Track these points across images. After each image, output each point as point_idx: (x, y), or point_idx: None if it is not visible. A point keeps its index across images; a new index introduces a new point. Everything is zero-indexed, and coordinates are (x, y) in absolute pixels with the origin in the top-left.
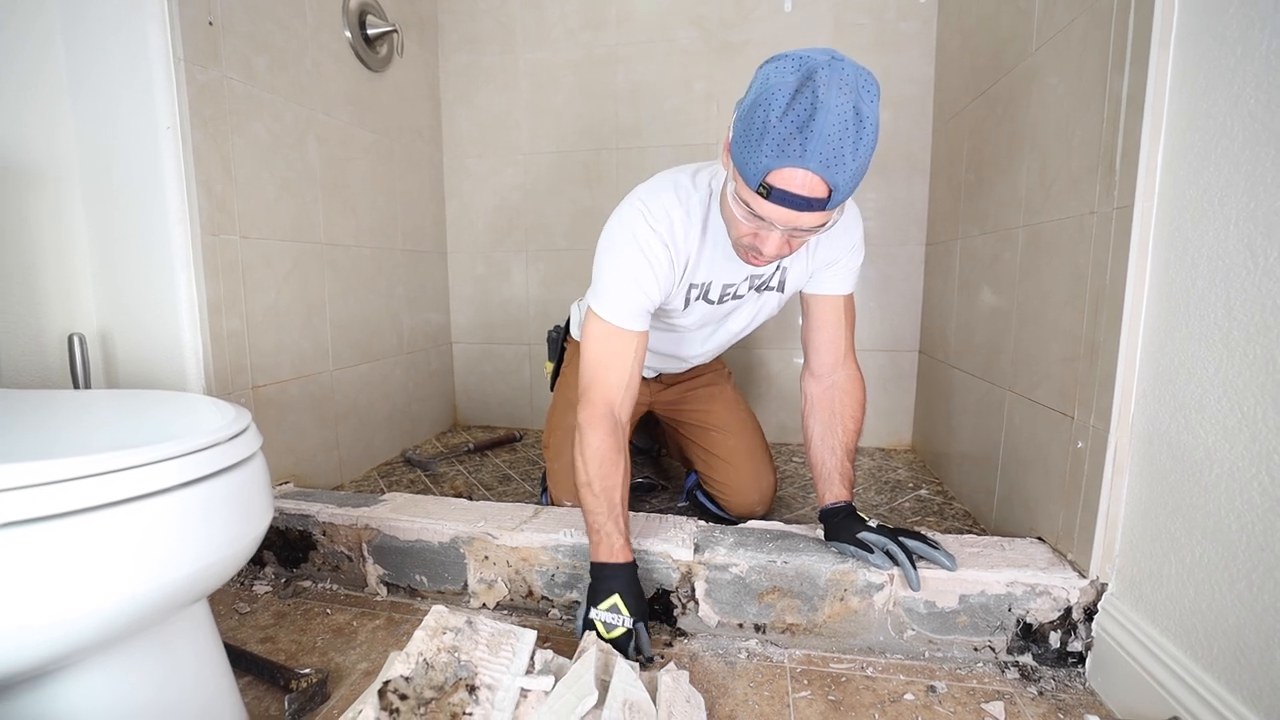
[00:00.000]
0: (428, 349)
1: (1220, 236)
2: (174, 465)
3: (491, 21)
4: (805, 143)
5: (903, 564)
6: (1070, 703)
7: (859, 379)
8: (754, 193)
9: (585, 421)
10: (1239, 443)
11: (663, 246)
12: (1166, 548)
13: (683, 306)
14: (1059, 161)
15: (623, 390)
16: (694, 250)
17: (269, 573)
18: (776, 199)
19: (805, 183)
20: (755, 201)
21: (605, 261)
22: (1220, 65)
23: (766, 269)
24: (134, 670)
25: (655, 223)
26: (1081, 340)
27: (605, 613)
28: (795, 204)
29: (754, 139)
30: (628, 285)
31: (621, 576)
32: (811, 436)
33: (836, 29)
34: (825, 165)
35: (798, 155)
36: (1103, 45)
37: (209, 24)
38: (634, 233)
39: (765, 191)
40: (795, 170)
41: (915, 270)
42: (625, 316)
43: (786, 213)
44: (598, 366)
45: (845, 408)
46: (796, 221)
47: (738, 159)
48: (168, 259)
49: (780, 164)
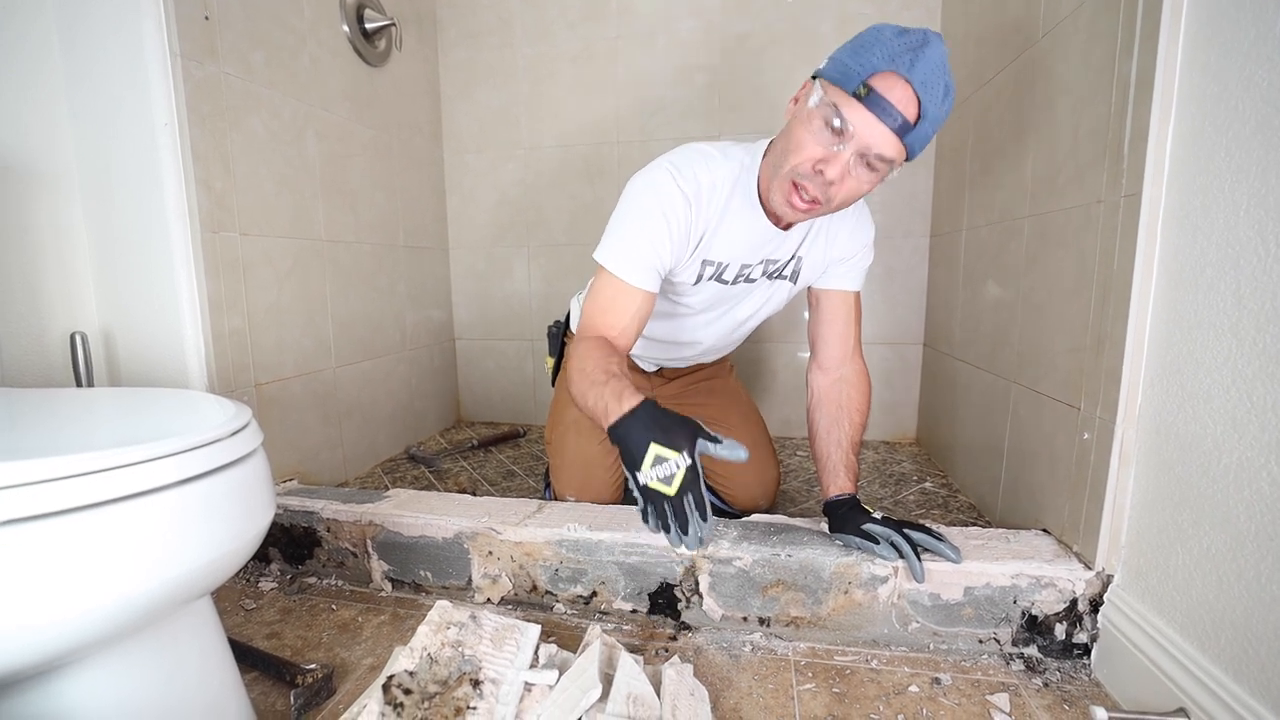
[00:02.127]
0: (430, 345)
1: (1230, 223)
2: (175, 461)
3: (490, 15)
4: (914, 60)
5: (907, 556)
6: (1075, 694)
7: (865, 374)
8: (849, 95)
9: (575, 341)
10: (1248, 432)
11: (685, 205)
12: (1173, 539)
13: (693, 282)
14: (1066, 150)
15: (617, 332)
16: (714, 220)
17: (274, 569)
18: (872, 103)
19: (903, 96)
20: (846, 105)
21: (620, 213)
22: (1232, 47)
23: (784, 255)
24: (139, 666)
25: (683, 182)
26: (1088, 331)
27: (653, 471)
28: (888, 114)
29: (863, 48)
30: (640, 239)
31: (642, 421)
32: (817, 430)
33: (839, 19)
34: (924, 87)
35: (906, 66)
36: (1111, 30)
37: (205, 19)
38: (657, 188)
39: (864, 92)
40: (899, 80)
41: (920, 262)
42: (635, 272)
43: (875, 124)
44: (599, 313)
45: (852, 401)
46: (876, 139)
47: (834, 70)
48: (168, 256)
49: (887, 67)
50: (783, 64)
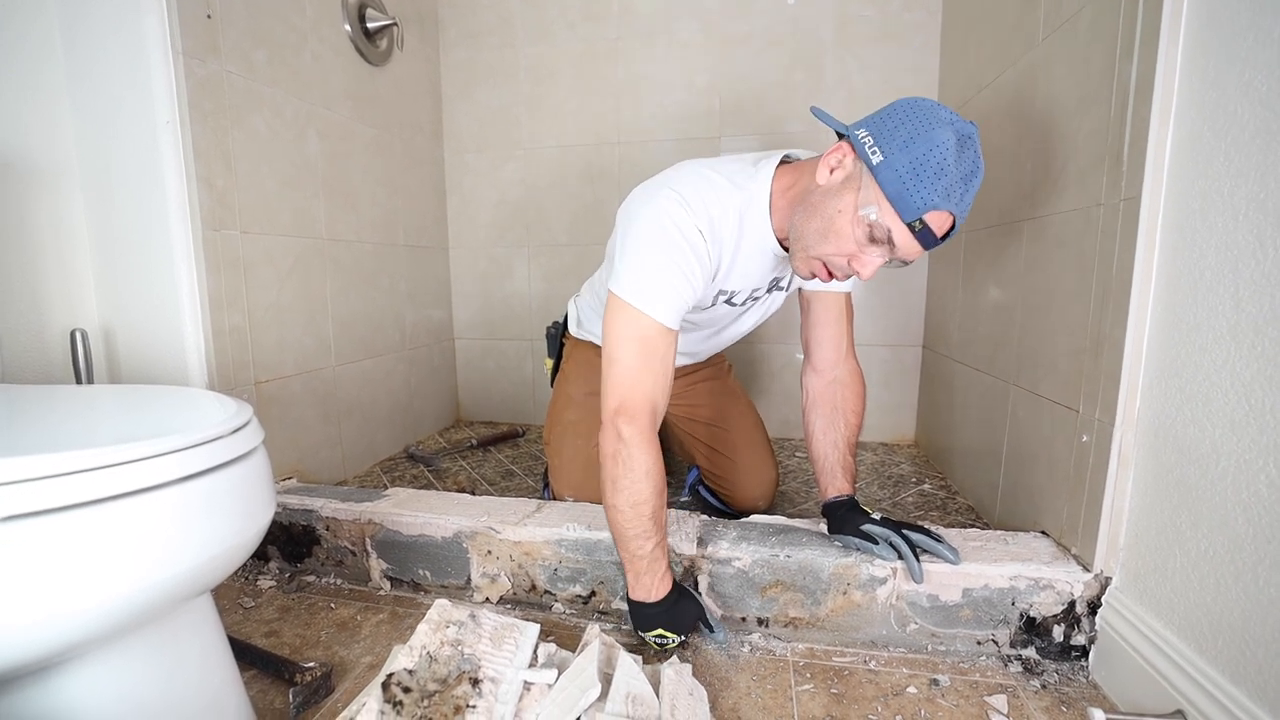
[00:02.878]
0: (430, 345)
1: (1229, 227)
2: (176, 459)
3: (491, 15)
4: (965, 194)
5: (906, 556)
6: (1073, 696)
7: (860, 374)
8: (904, 225)
9: (633, 438)
10: (1246, 435)
11: (701, 238)
12: (1171, 541)
13: (706, 306)
14: (1065, 153)
15: (663, 394)
16: (730, 254)
17: (273, 568)
18: (921, 235)
19: (945, 224)
20: (899, 231)
21: (639, 248)
22: (1231, 53)
23: (784, 271)
24: (138, 663)
25: (697, 218)
26: (1087, 333)
27: (653, 639)
28: (930, 241)
29: (927, 180)
30: (670, 274)
31: (665, 612)
32: (813, 431)
33: (840, 21)
34: (961, 210)
35: (957, 202)
36: (1110, 34)
37: (207, 17)
38: (674, 220)
39: (918, 227)
40: (946, 214)
41: (919, 264)
42: (666, 311)
43: (918, 248)
44: (636, 371)
45: (847, 402)
46: (913, 255)
47: (893, 189)
48: (169, 254)
49: (943, 206)
50: (782, 65)
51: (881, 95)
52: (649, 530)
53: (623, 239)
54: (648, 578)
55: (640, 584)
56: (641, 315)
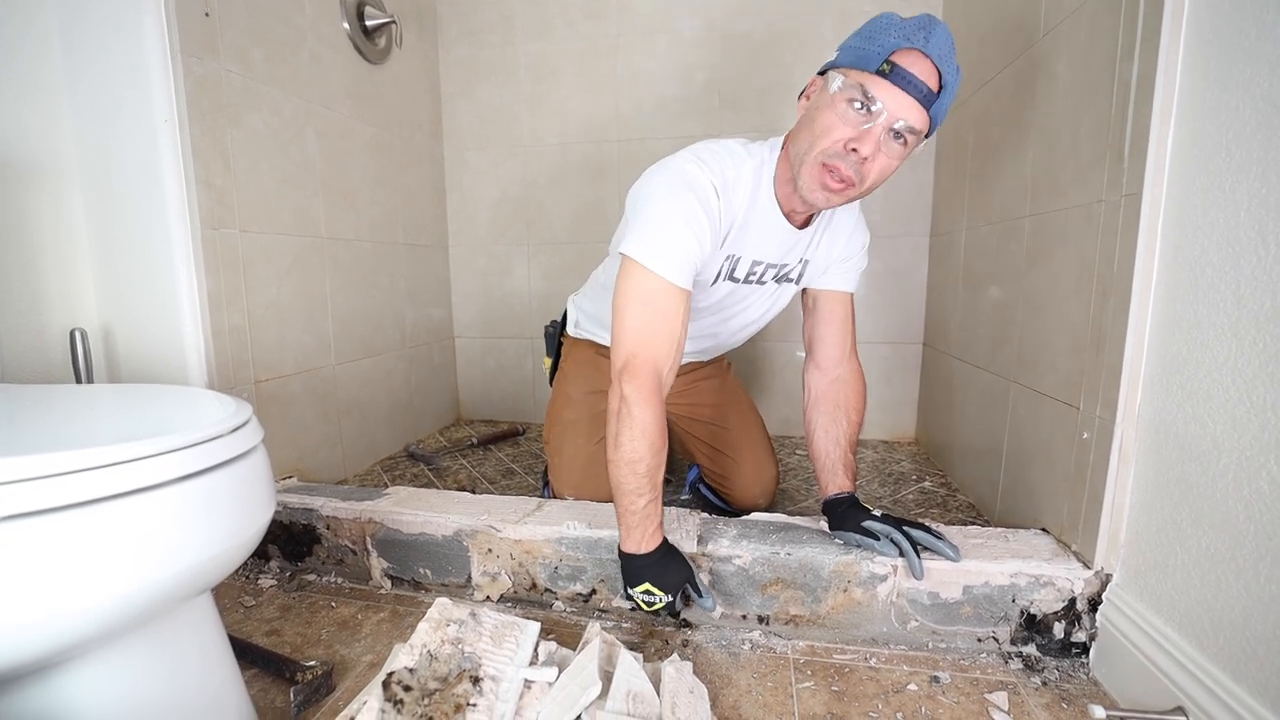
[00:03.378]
0: (430, 343)
1: (1231, 223)
2: (176, 458)
3: (491, 13)
4: (929, 36)
5: (907, 553)
6: (1074, 693)
7: (861, 374)
8: (873, 74)
9: (634, 394)
10: (1248, 431)
11: (714, 194)
12: (1172, 538)
13: (712, 280)
14: (1066, 150)
15: (672, 357)
16: (741, 214)
17: (274, 567)
18: (897, 78)
19: (925, 69)
20: (872, 83)
21: (650, 206)
22: (1233, 48)
23: (793, 259)
24: (139, 663)
25: (710, 173)
26: (1088, 330)
27: (641, 594)
28: (915, 87)
29: (878, 32)
30: (679, 230)
31: (653, 565)
32: (814, 429)
33: (840, 16)
34: (942, 59)
35: (923, 41)
36: (1112, 30)
37: (205, 15)
38: (687, 177)
39: (888, 69)
40: (918, 55)
41: (919, 262)
42: (675, 269)
43: (902, 96)
44: (645, 330)
45: (849, 400)
46: (905, 111)
47: (851, 56)
48: (168, 253)
49: (906, 44)
50: (783, 63)
51: None
52: (643, 487)
53: (635, 204)
54: (638, 531)
55: (631, 537)
56: (651, 275)
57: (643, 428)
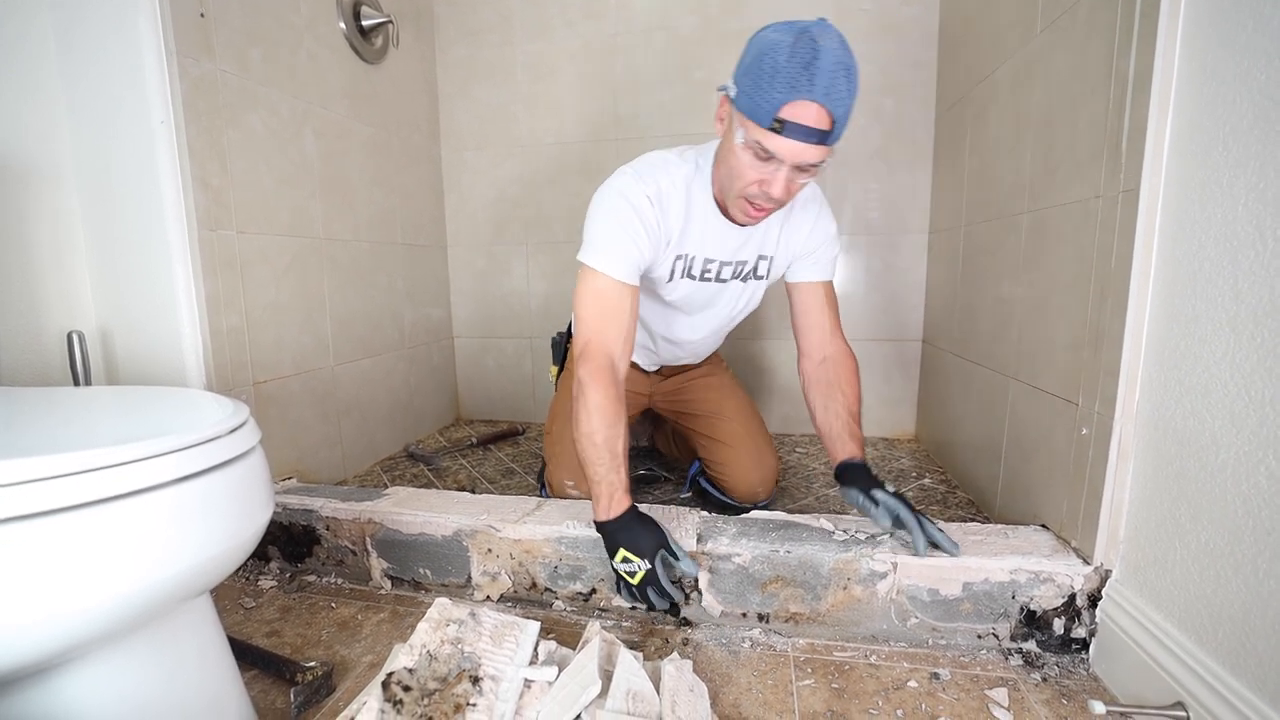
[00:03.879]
0: (429, 343)
1: (1228, 218)
2: (174, 459)
3: (489, 12)
4: (812, 77)
5: (911, 528)
6: (1074, 689)
7: (850, 353)
8: (767, 130)
9: (587, 376)
10: (1246, 427)
11: (649, 204)
12: (1171, 533)
13: (668, 278)
14: (1064, 146)
15: (622, 343)
16: (680, 217)
17: (274, 568)
18: (790, 132)
19: (815, 115)
20: (768, 139)
21: (594, 218)
22: (1229, 42)
23: (750, 256)
24: (139, 664)
25: (646, 186)
26: (1086, 326)
27: (621, 564)
28: (806, 135)
29: (764, 81)
30: (618, 235)
31: (623, 529)
32: (815, 408)
33: (838, 14)
34: (828, 97)
35: (806, 88)
36: (1109, 25)
37: (201, 16)
38: (622, 191)
39: (779, 126)
40: (806, 103)
41: (918, 259)
42: (618, 266)
43: (797, 145)
44: (596, 321)
45: (841, 376)
46: (804, 156)
47: (746, 106)
48: (165, 255)
49: (792, 97)
50: None
51: (879, 89)
52: (602, 455)
53: (586, 222)
54: (605, 497)
55: (599, 505)
56: (598, 274)
57: (596, 404)
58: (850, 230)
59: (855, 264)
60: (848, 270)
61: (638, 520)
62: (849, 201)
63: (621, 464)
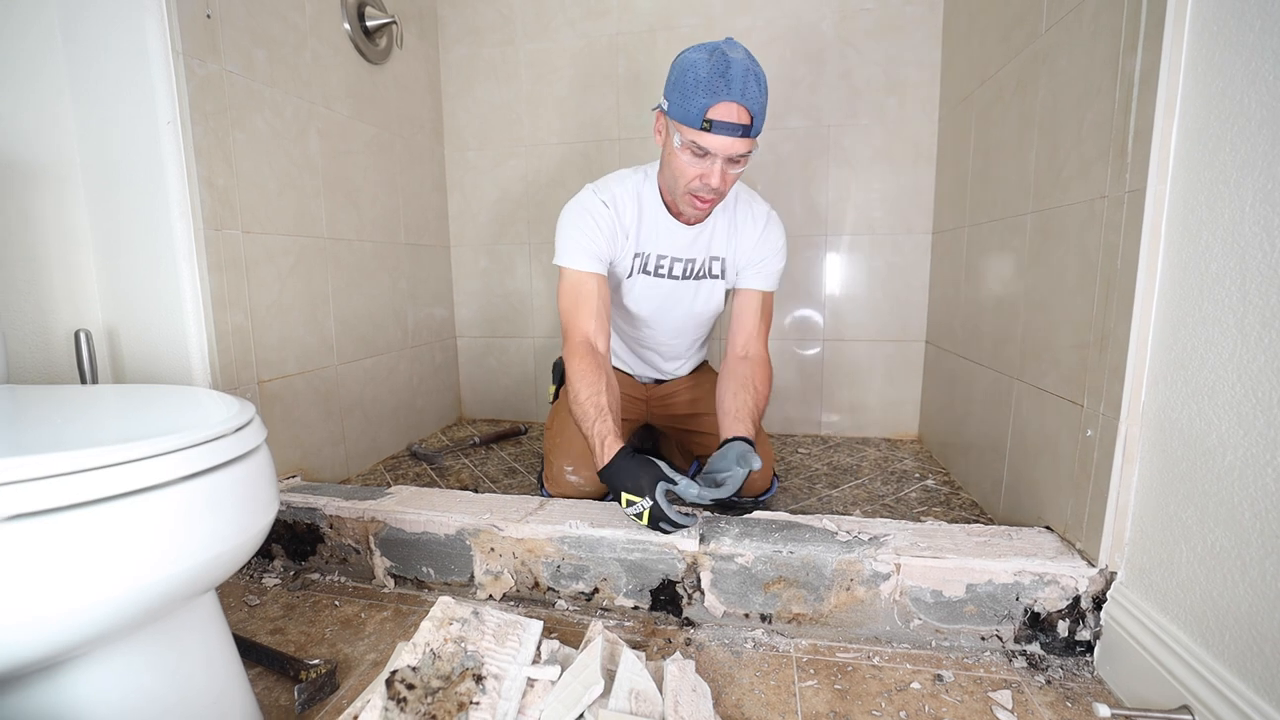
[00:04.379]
0: (432, 343)
1: (1236, 219)
2: (180, 457)
3: (491, 12)
4: (729, 83)
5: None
6: (1078, 691)
7: (768, 362)
8: (699, 130)
9: (568, 354)
10: (1254, 428)
11: (603, 206)
12: (1178, 535)
13: (628, 273)
14: (1069, 146)
15: (594, 323)
16: (634, 217)
17: (277, 566)
18: (718, 129)
19: (736, 113)
20: (701, 137)
21: (561, 229)
22: (1236, 42)
23: (699, 254)
24: (144, 661)
25: (600, 194)
26: (1091, 327)
27: (628, 509)
28: (731, 130)
29: (690, 92)
30: (578, 235)
31: (619, 471)
32: (725, 393)
33: (841, 14)
34: (744, 97)
35: (725, 92)
36: (1115, 24)
37: (207, 17)
38: (579, 201)
39: (708, 126)
40: (727, 104)
41: (921, 259)
42: (582, 259)
43: (725, 140)
44: (571, 310)
45: (756, 376)
46: (732, 148)
47: (678, 113)
48: (171, 254)
49: (714, 100)
50: (785, 60)
51: (882, 89)
52: (588, 412)
53: (556, 232)
54: (599, 448)
55: (595, 456)
56: (568, 271)
57: (578, 372)
58: (853, 230)
59: (858, 264)
60: (850, 270)
61: (632, 459)
62: (851, 202)
63: (608, 415)
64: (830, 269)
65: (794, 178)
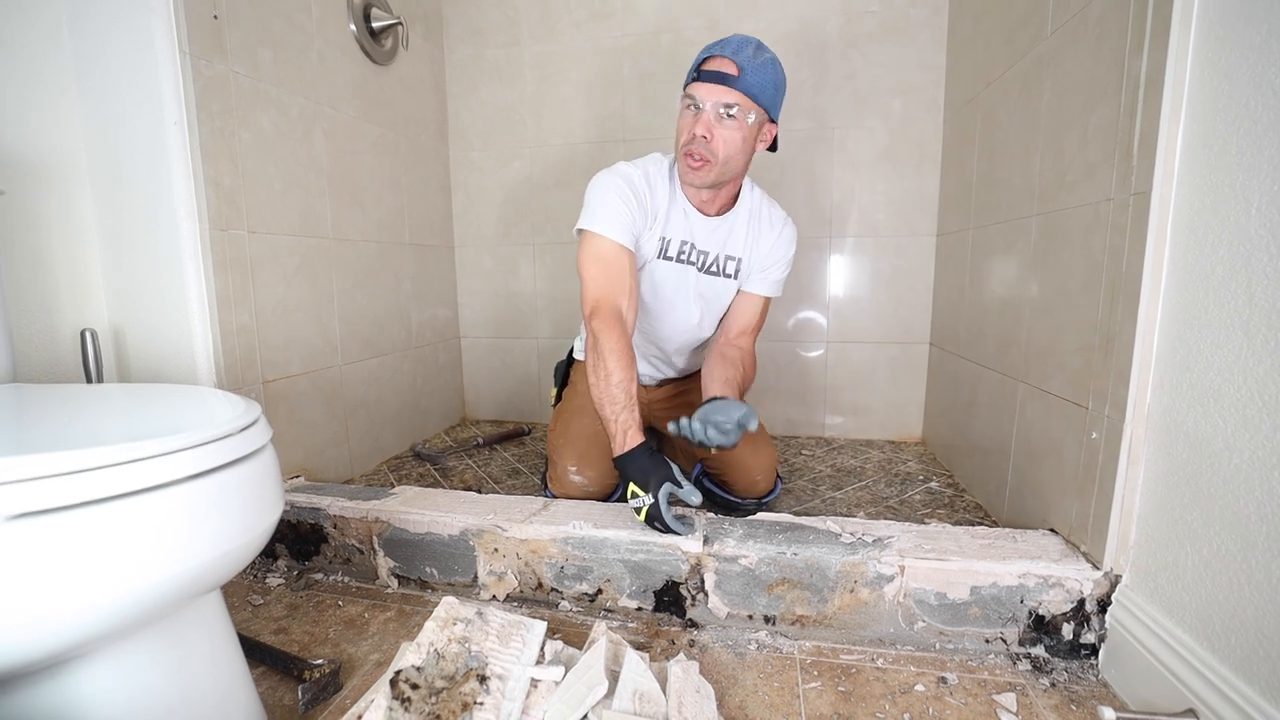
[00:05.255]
0: (436, 343)
1: (1242, 222)
2: (186, 456)
3: (497, 14)
4: (724, 44)
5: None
6: (1083, 694)
7: (754, 357)
8: (692, 80)
9: (601, 327)
10: (1260, 431)
11: (641, 179)
12: (1183, 539)
13: (654, 255)
14: (1074, 148)
15: (626, 298)
16: (664, 198)
17: (281, 565)
18: (705, 76)
19: (723, 64)
20: (692, 87)
21: (593, 191)
22: (1244, 44)
23: (716, 249)
24: (149, 660)
25: (635, 168)
26: (1096, 330)
27: (631, 501)
28: (716, 77)
29: (695, 59)
30: (616, 202)
31: (632, 462)
32: (713, 366)
33: (846, 17)
34: (736, 54)
35: (718, 48)
36: (1120, 27)
37: (214, 17)
38: (616, 169)
39: (698, 75)
40: (719, 58)
41: (926, 261)
42: (615, 229)
43: (711, 87)
44: (602, 278)
45: (744, 362)
46: (717, 94)
47: (685, 81)
48: (177, 254)
49: (707, 54)
50: (788, 61)
51: (887, 91)
52: (617, 396)
53: (585, 201)
54: (619, 436)
55: (615, 441)
56: (597, 238)
57: (610, 348)
58: (857, 232)
59: (862, 266)
60: (855, 272)
61: (647, 455)
62: (856, 204)
63: (634, 406)
64: (834, 271)
65: (798, 180)
